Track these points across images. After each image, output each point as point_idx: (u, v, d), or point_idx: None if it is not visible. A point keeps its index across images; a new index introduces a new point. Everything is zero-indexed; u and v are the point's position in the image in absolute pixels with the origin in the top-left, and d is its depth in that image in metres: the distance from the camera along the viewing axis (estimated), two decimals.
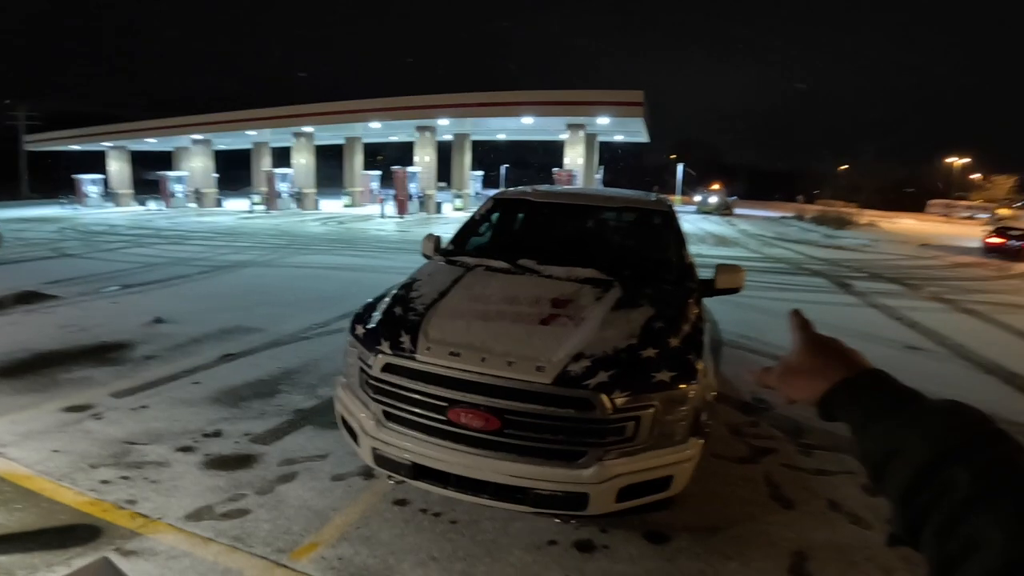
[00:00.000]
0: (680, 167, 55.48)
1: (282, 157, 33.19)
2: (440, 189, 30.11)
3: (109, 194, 31.64)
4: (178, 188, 30.85)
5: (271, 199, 27.79)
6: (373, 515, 2.80)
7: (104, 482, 3.04)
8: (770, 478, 3.23)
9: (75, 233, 16.79)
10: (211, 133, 30.18)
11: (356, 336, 2.78)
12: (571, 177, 22.99)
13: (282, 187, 28.37)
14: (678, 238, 3.76)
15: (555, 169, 24.01)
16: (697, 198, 38.98)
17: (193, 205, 30.87)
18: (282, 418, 3.91)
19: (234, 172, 40.96)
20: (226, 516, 2.79)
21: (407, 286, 3.19)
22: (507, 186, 5.27)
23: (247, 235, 16.51)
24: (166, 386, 4.43)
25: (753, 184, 70.25)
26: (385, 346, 2.57)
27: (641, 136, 29.97)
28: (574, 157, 23.96)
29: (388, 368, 2.53)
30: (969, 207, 50.95)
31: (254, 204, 27.66)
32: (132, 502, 2.87)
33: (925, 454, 0.52)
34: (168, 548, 2.53)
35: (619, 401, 2.27)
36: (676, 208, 4.24)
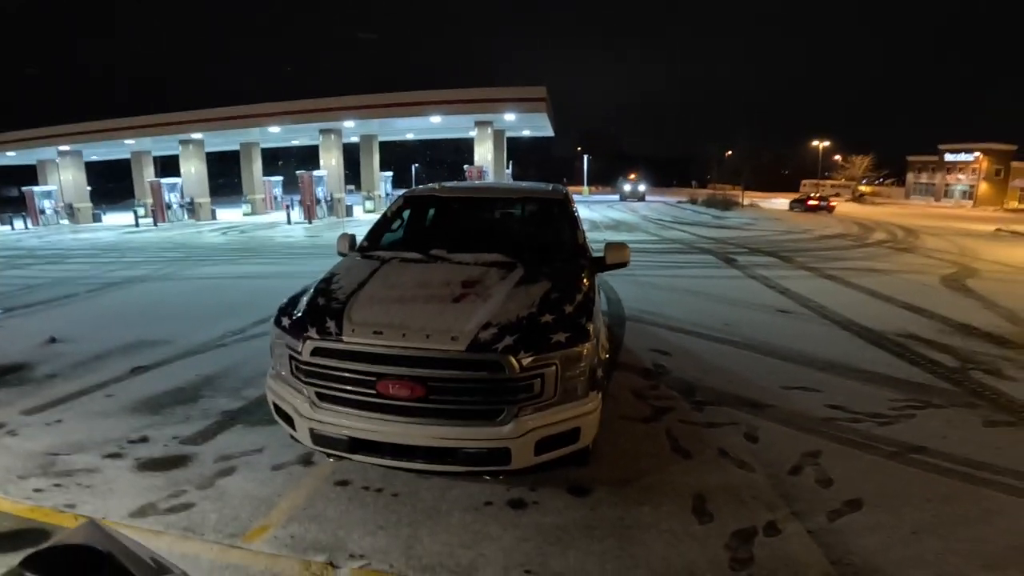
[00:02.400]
0: (586, 159, 57.86)
1: (171, 165, 30.80)
2: (350, 192, 29.38)
3: None
4: (47, 204, 27.73)
5: (159, 211, 25.78)
6: (317, 496, 2.97)
7: (38, 490, 3.05)
8: (670, 433, 3.71)
9: None
10: (81, 144, 27.36)
11: (283, 327, 2.98)
12: (482, 173, 23.39)
13: (171, 198, 26.41)
14: (572, 222, 4.21)
15: (466, 166, 24.32)
16: (627, 187, 42.89)
17: (66, 222, 27.92)
18: (209, 420, 3.94)
19: (114, 184, 37.42)
20: (171, 511, 2.87)
21: (327, 280, 3.41)
22: (418, 185, 5.63)
23: (136, 250, 15.34)
24: (77, 400, 4.33)
25: (651, 171, 74.56)
26: (312, 332, 2.79)
27: (547, 131, 30.93)
28: (483, 153, 24.37)
29: (317, 352, 2.76)
30: (834, 185, 57.41)
31: (139, 217, 25.54)
32: (72, 506, 2.90)
33: None
34: None
35: (525, 361, 2.61)
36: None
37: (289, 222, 23.11)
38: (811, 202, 33.19)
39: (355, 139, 28.07)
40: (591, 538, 2.63)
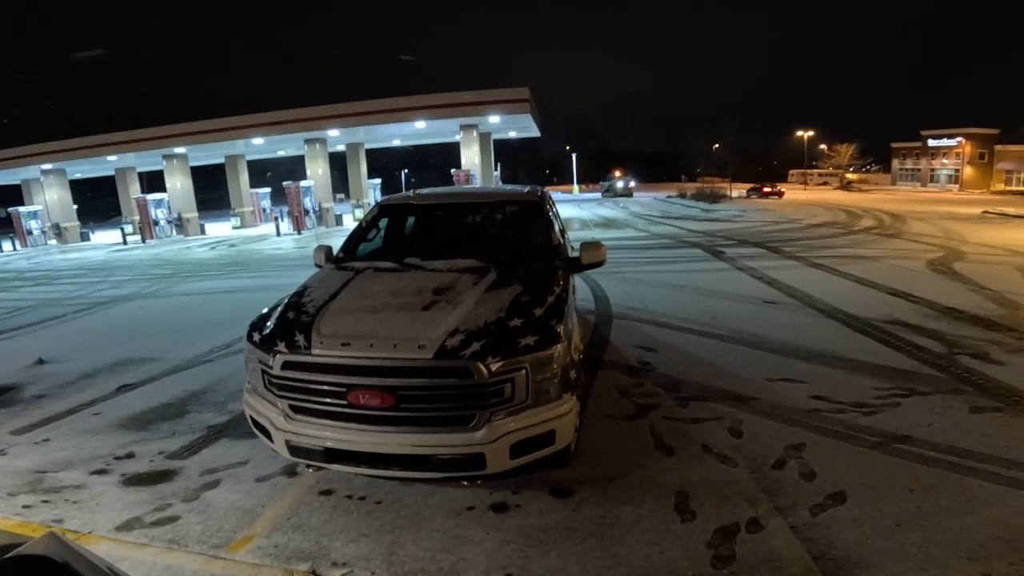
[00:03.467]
0: (574, 157, 58.10)
1: (159, 180, 30.60)
2: (339, 201, 29.29)
3: None
4: (34, 224, 27.53)
5: (147, 227, 25.65)
6: (301, 506, 2.98)
7: (26, 507, 3.12)
8: (654, 430, 3.70)
9: None
10: (64, 161, 27.13)
11: (254, 342, 3.00)
12: (469, 177, 23.37)
13: (158, 214, 26.28)
14: (547, 223, 4.23)
15: (453, 170, 24.29)
16: (619, 184, 43.22)
17: (54, 242, 27.75)
18: (195, 435, 3.95)
19: (103, 201, 37.26)
20: (156, 524, 2.90)
21: (299, 293, 3.42)
22: (407, 191, 5.70)
23: (124, 268, 15.26)
24: (65, 419, 4.38)
25: (640, 167, 74.90)
26: (282, 346, 2.82)
27: (532, 131, 30.95)
28: (470, 157, 24.35)
29: (287, 365, 2.78)
30: (821, 174, 57.82)
31: (127, 234, 25.39)
32: (59, 521, 2.95)
33: None
34: (105, 555, 2.59)
35: (493, 367, 2.61)
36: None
37: (278, 234, 23.00)
38: (765, 189, 39.21)
39: (341, 148, 28.01)
40: (573, 539, 2.63)
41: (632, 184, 44.60)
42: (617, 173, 48.76)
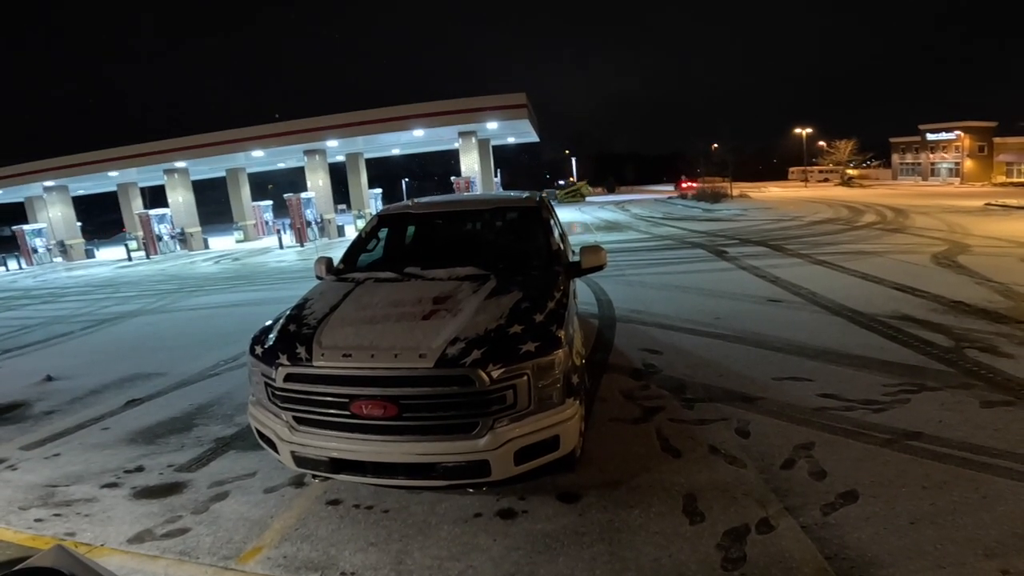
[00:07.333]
0: (573, 161, 58.44)
1: (159, 194, 30.76)
2: (341, 212, 29.35)
3: None
4: (39, 242, 27.72)
5: (150, 243, 25.80)
6: (309, 517, 2.98)
7: (39, 520, 3.16)
8: (660, 433, 3.68)
9: None
10: (66, 178, 27.30)
11: (256, 355, 3.02)
12: (469, 184, 23.43)
13: (162, 229, 26.42)
14: (546, 229, 4.21)
15: (454, 178, 24.35)
16: (572, 189, 43.87)
17: (59, 259, 27.90)
18: (203, 447, 3.96)
19: (107, 217, 37.51)
20: (167, 536, 2.91)
21: (300, 306, 3.43)
22: (407, 200, 5.68)
23: (129, 284, 15.33)
24: (75, 435, 4.43)
25: (641, 168, 74.94)
26: (284, 359, 2.83)
27: (531, 136, 31.03)
28: (470, 164, 24.41)
29: (289, 378, 2.79)
30: (822, 170, 57.73)
31: (132, 250, 25.53)
32: (71, 534, 2.99)
33: None
34: (117, 568, 2.63)
35: (494, 374, 2.61)
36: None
37: (281, 246, 23.07)
38: (684, 185, 43.96)
39: (341, 158, 28.11)
40: (580, 544, 2.62)
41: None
42: (572, 179, 52.20)
